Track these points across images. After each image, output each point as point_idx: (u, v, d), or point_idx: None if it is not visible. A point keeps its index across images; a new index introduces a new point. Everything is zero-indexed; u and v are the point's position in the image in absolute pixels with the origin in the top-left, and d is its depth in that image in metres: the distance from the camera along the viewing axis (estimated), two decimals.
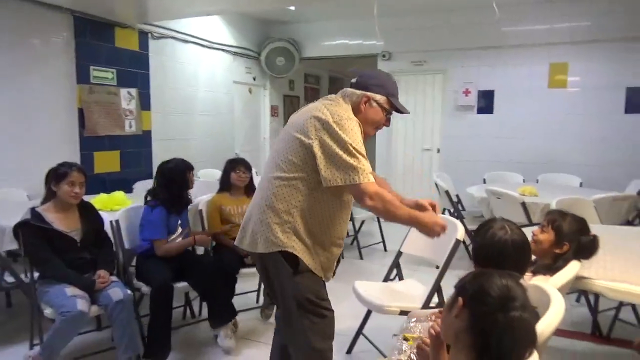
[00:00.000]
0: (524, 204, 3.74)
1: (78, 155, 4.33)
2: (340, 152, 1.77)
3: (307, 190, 1.86)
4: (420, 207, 1.97)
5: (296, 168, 1.85)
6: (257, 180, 3.55)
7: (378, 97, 1.95)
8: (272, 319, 3.38)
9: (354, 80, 2.03)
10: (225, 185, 3.38)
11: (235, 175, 3.33)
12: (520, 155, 5.91)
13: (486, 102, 6.09)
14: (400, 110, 2.00)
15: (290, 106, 7.79)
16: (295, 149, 1.85)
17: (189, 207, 3.16)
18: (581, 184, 5.16)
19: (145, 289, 2.80)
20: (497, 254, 1.61)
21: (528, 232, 2.70)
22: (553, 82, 5.78)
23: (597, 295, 3.11)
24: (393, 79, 2.04)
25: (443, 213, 4.98)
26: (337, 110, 1.85)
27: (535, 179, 5.39)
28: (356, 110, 1.94)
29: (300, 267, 1.89)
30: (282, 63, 6.88)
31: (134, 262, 3.19)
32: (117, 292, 2.54)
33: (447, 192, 4.66)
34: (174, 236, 2.98)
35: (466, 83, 6.11)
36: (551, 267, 1.97)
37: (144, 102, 5.01)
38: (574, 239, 2.01)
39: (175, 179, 2.97)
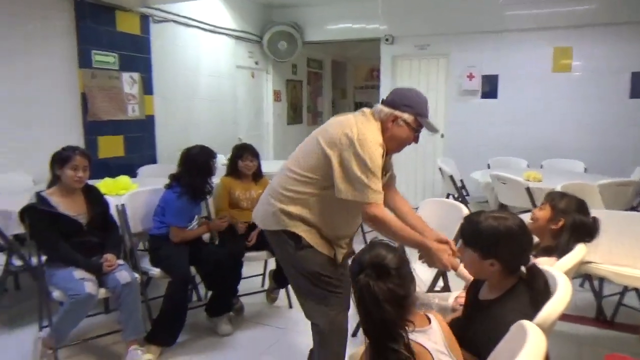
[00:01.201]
0: (528, 189, 3.74)
1: (82, 140, 4.31)
2: (356, 170, 1.87)
3: (316, 190, 1.99)
4: (440, 241, 2.00)
5: (312, 170, 1.98)
6: (264, 165, 3.56)
7: (406, 116, 2.00)
8: (278, 303, 3.41)
9: (384, 97, 2.10)
10: (233, 171, 3.39)
11: (242, 163, 3.33)
12: (525, 140, 5.89)
13: (490, 87, 6.05)
14: (429, 129, 2.05)
15: (294, 90, 7.75)
16: (317, 155, 1.97)
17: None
18: (586, 170, 5.15)
19: (154, 272, 2.83)
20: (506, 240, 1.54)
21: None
22: (557, 66, 5.72)
23: (601, 280, 3.14)
24: (424, 98, 2.07)
25: (447, 197, 4.99)
26: (364, 129, 1.93)
27: (539, 165, 5.38)
28: (384, 127, 2.01)
29: (303, 242, 2.02)
30: (284, 47, 6.82)
31: (140, 246, 3.21)
32: (124, 275, 2.56)
33: (451, 177, 4.65)
34: (191, 224, 3.01)
35: (470, 67, 6.06)
36: (551, 248, 1.98)
37: (147, 87, 4.98)
38: (569, 214, 2.02)
39: (199, 167, 2.98)
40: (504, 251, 1.49)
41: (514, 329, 1.25)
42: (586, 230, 2.01)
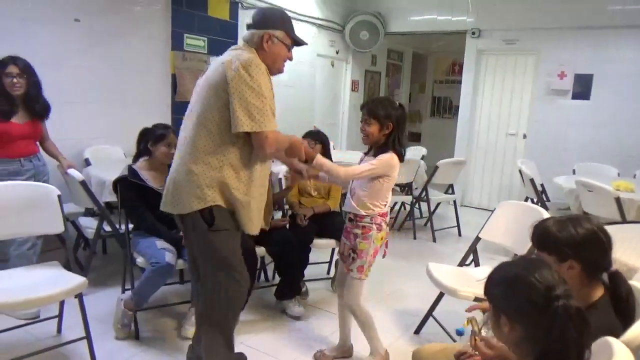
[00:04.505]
0: (618, 200, 3.48)
1: (170, 119, 4.57)
2: (250, 99, 1.89)
3: (219, 140, 1.94)
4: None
5: (211, 121, 1.94)
6: (334, 154, 3.58)
7: (277, 32, 2.05)
8: None
9: (249, 22, 2.12)
10: None
11: None
12: (617, 146, 5.46)
13: (583, 87, 5.65)
14: (300, 42, 2.14)
15: (372, 82, 7.70)
16: (209, 102, 1.93)
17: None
18: None
19: None
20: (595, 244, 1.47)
21: (620, 229, 2.52)
22: None
23: None
24: (287, 15, 2.15)
25: (525, 201, 4.76)
26: (245, 57, 1.91)
27: (632, 174, 4.97)
28: (260, 50, 2.03)
29: (216, 224, 1.95)
30: (366, 37, 6.78)
31: None
32: None
33: (531, 180, 4.43)
34: None
35: (562, 65, 5.70)
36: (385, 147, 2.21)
37: None
38: (392, 114, 2.19)
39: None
40: (583, 251, 1.41)
41: (598, 345, 1.18)
42: (404, 121, 2.23)
